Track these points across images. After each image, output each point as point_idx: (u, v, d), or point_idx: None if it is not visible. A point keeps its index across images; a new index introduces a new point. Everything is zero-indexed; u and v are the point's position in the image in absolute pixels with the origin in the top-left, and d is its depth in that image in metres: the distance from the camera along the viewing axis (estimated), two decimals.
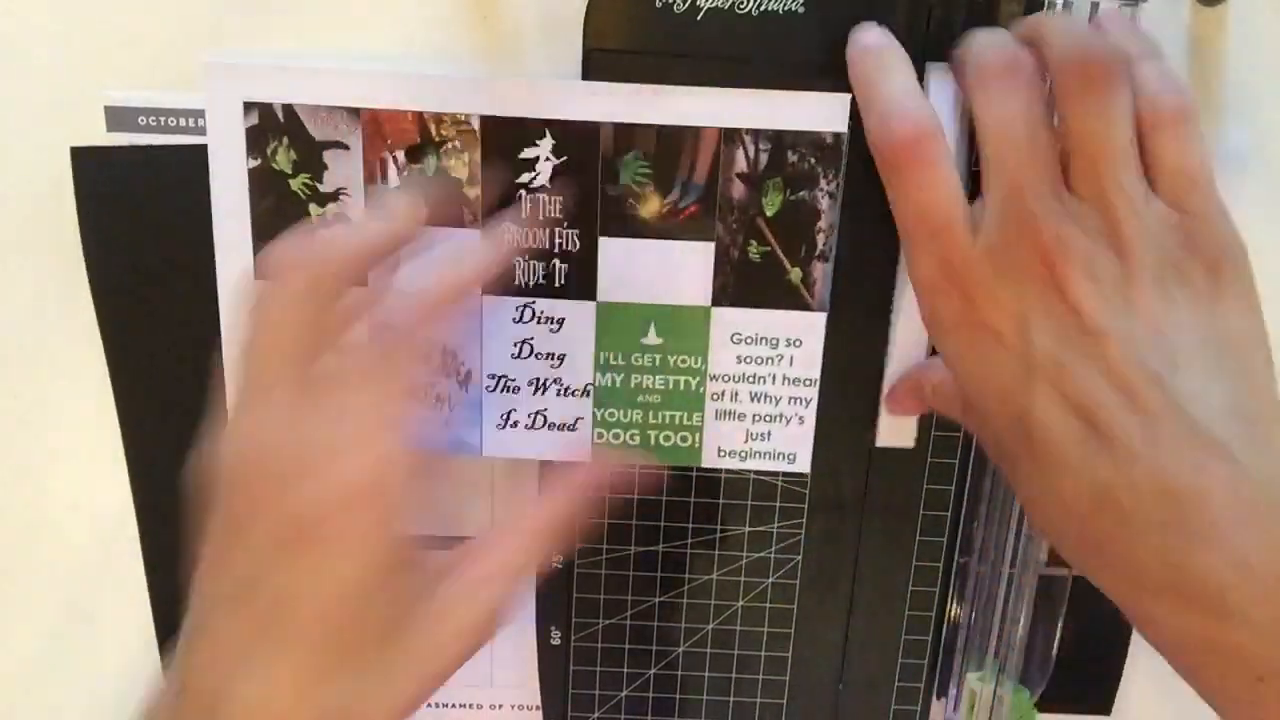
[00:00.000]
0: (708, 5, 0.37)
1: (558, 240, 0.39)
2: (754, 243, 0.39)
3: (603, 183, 0.38)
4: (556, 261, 0.39)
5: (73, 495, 0.44)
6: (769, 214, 0.38)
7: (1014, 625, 0.42)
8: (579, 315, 0.39)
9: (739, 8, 0.37)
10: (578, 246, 0.39)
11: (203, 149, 0.39)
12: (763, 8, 0.37)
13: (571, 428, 0.40)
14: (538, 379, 0.40)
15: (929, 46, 0.37)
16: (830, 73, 0.38)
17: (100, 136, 0.39)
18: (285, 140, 0.38)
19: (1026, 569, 0.42)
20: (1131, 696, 0.46)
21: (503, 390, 0.40)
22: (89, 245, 0.40)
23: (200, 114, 0.39)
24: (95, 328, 0.41)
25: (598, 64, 0.38)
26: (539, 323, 0.39)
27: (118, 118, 0.39)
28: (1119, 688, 0.46)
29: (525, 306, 0.39)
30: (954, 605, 0.44)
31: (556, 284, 0.39)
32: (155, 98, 0.39)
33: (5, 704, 0.47)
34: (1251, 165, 0.40)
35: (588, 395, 0.40)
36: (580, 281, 0.39)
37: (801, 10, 0.37)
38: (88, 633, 0.46)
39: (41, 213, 0.40)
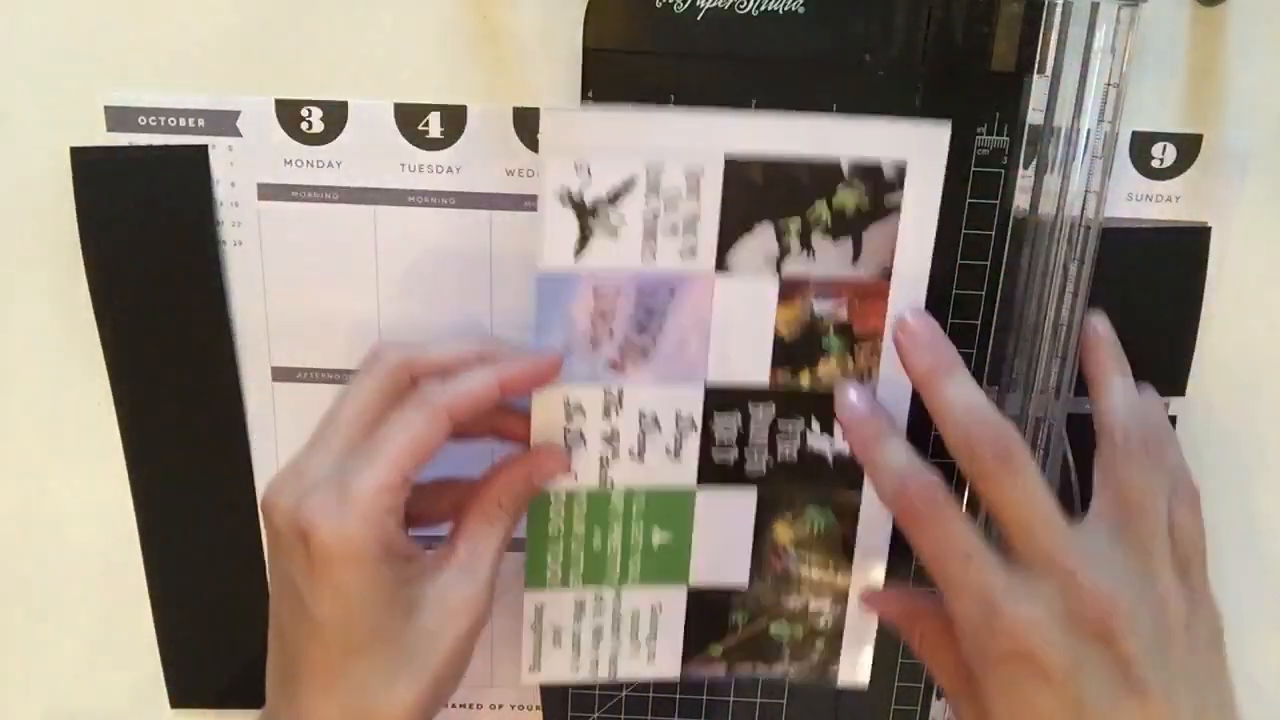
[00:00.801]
0: (708, 5, 0.37)
1: None
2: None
3: None
4: None
5: (73, 495, 0.44)
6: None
7: None
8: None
9: (739, 8, 0.37)
10: None
11: (202, 149, 0.39)
12: (763, 8, 0.37)
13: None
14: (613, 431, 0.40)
15: (929, 47, 0.37)
16: (829, 73, 0.38)
17: (100, 136, 0.39)
18: None
19: None
20: None
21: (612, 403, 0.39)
22: (89, 245, 0.40)
23: (200, 114, 0.39)
24: (95, 328, 0.41)
25: (598, 64, 0.38)
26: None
27: (118, 118, 0.39)
28: None
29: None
30: None
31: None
32: (155, 98, 0.39)
33: (6, 702, 0.46)
34: (1251, 165, 0.40)
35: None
36: None
37: (801, 10, 0.37)
38: (88, 631, 0.46)
39: (41, 212, 0.40)
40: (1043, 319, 0.40)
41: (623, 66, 0.38)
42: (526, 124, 0.39)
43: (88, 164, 0.39)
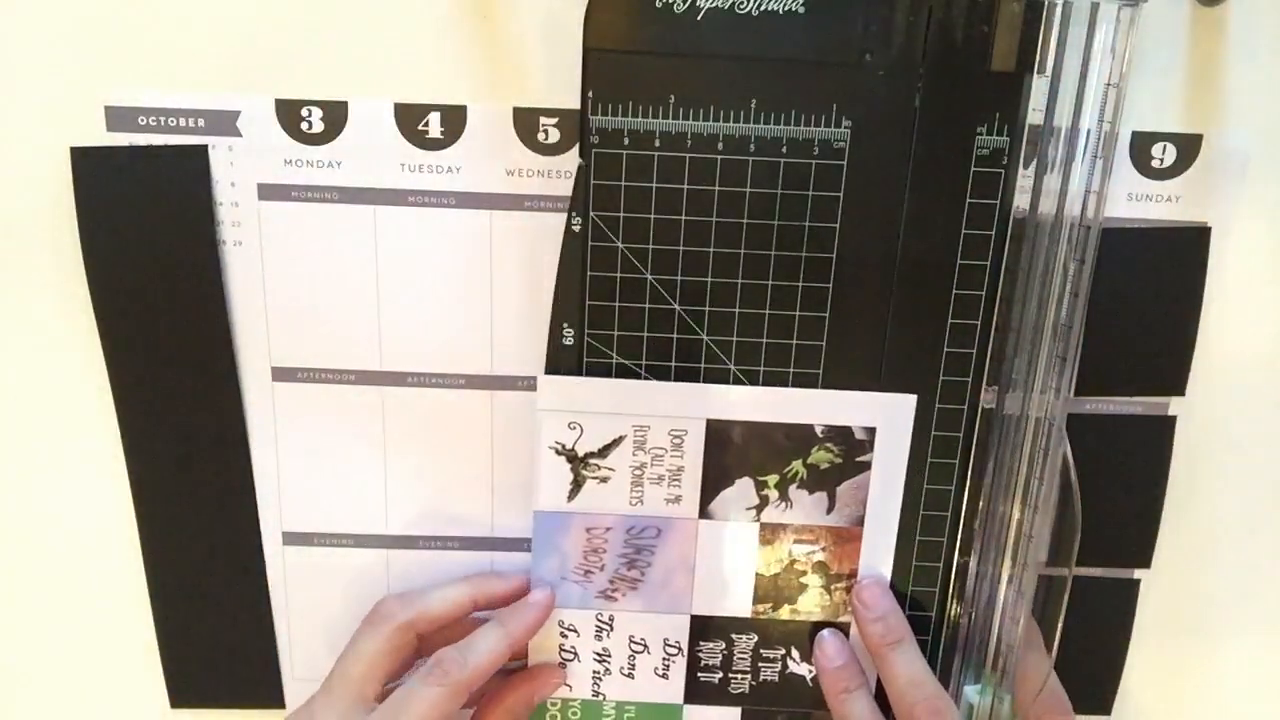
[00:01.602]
0: (708, 5, 0.37)
1: None
2: None
3: None
4: None
5: (73, 495, 0.44)
6: None
7: (1014, 625, 0.42)
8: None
9: (739, 8, 0.37)
10: None
11: (202, 149, 0.39)
12: (763, 8, 0.37)
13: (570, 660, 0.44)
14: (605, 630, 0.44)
15: (929, 47, 0.37)
16: (829, 73, 0.38)
17: (100, 136, 0.39)
18: None
19: (1026, 569, 0.42)
20: (1131, 696, 0.46)
21: (601, 595, 0.43)
22: (89, 244, 0.40)
23: (200, 114, 0.39)
24: (94, 327, 0.41)
25: (598, 64, 0.38)
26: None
27: (118, 118, 0.39)
28: (1119, 688, 0.46)
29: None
30: (954, 605, 0.44)
31: None
32: (155, 98, 0.39)
33: (6, 701, 0.46)
34: (1251, 165, 0.40)
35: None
36: None
37: (801, 10, 0.37)
38: (88, 631, 0.46)
39: (41, 212, 0.40)
40: (1043, 319, 0.40)
41: (623, 66, 0.38)
42: (526, 124, 0.39)
43: (88, 164, 0.39)
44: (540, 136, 0.40)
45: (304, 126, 0.40)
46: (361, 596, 0.45)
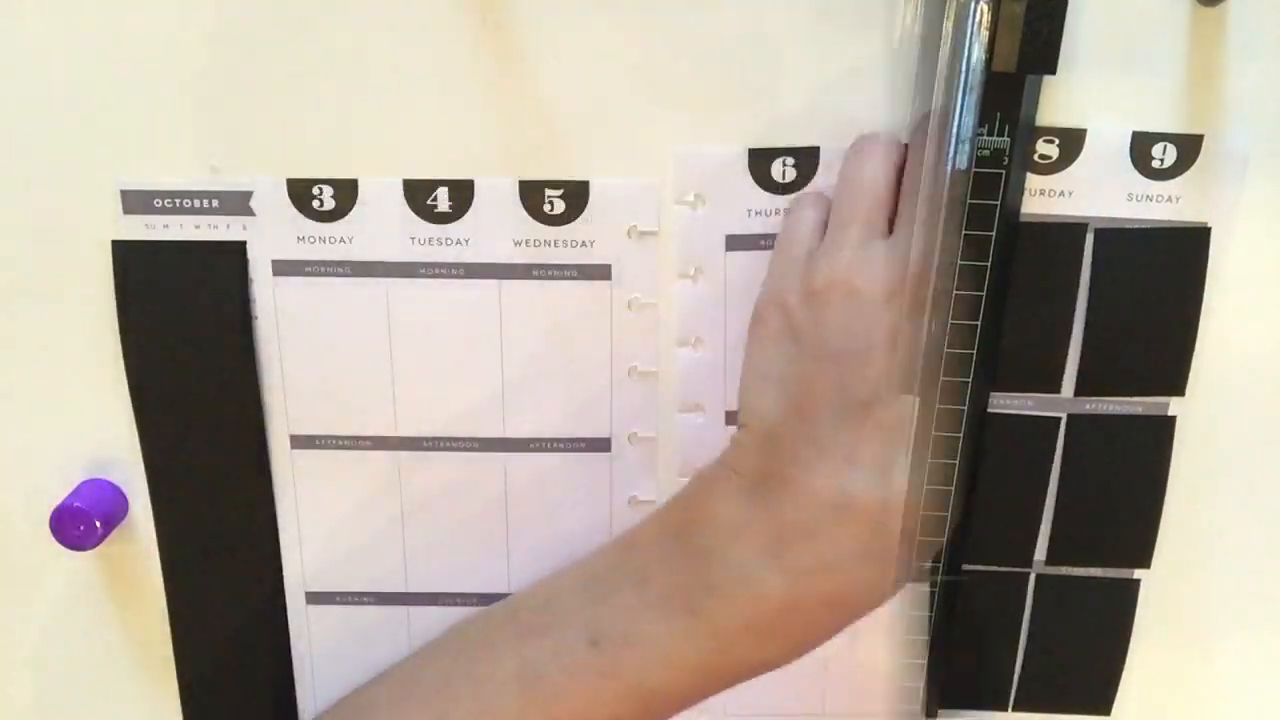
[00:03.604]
0: None
1: None
2: None
3: None
4: None
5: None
6: None
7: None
8: None
9: None
10: None
11: (241, 244, 0.40)
12: None
13: None
14: None
15: None
16: None
17: (117, 218, 0.40)
18: None
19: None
20: (1131, 696, 0.46)
21: None
22: (127, 330, 0.41)
23: (213, 195, 0.40)
24: (129, 404, 0.42)
25: None
26: None
27: (133, 200, 0.40)
28: (1119, 688, 0.46)
29: None
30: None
31: None
32: (168, 180, 0.40)
33: (6, 699, 0.47)
34: (1251, 165, 0.40)
35: None
36: None
37: None
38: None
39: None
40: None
41: None
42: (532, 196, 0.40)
43: (130, 256, 0.40)
44: (546, 208, 0.40)
45: (315, 204, 0.40)
46: (382, 651, 0.45)
